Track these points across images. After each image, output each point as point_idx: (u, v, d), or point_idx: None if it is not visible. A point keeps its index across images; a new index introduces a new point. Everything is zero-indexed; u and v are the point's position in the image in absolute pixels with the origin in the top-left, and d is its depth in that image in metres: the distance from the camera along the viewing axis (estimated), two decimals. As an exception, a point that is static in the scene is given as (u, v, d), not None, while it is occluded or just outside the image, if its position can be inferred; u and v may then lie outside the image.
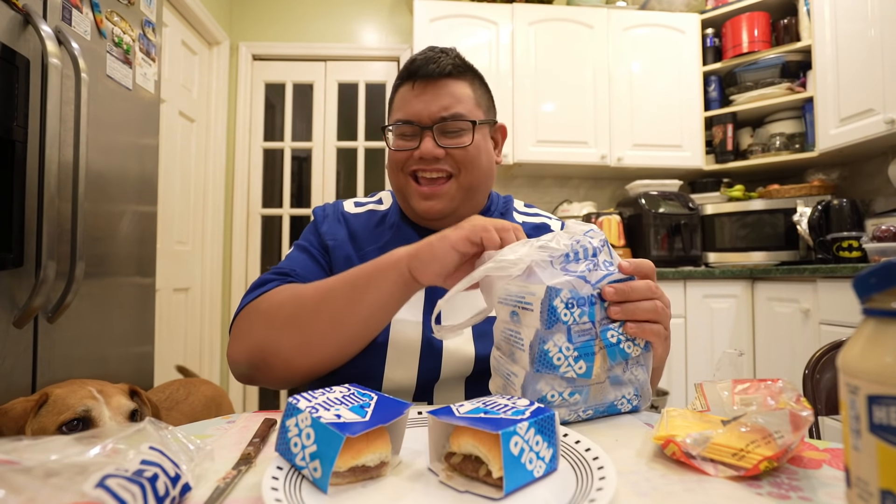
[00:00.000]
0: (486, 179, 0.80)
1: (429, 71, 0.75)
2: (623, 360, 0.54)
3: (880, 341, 0.26)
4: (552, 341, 0.51)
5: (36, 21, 1.05)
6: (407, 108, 0.76)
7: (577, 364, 0.52)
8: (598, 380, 0.53)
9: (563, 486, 0.38)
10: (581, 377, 0.52)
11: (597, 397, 0.54)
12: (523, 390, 0.53)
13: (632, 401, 0.56)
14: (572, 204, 2.77)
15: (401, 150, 0.77)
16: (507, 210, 0.87)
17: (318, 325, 0.62)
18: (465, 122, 0.75)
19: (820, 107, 2.30)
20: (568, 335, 0.52)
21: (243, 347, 0.65)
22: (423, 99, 0.75)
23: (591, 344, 0.52)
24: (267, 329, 0.64)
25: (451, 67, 0.76)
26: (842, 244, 2.00)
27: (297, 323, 0.63)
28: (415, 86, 0.76)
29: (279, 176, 3.00)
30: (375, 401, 0.44)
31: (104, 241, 1.32)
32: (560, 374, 0.52)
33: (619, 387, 0.55)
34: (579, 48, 2.65)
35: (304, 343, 0.62)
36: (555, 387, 0.52)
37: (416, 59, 0.77)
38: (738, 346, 2.25)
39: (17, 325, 1.04)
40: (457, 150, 0.75)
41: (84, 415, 0.78)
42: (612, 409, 0.56)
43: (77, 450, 0.32)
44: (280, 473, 0.38)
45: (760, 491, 0.37)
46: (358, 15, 3.02)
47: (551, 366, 0.51)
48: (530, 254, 0.53)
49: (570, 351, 0.52)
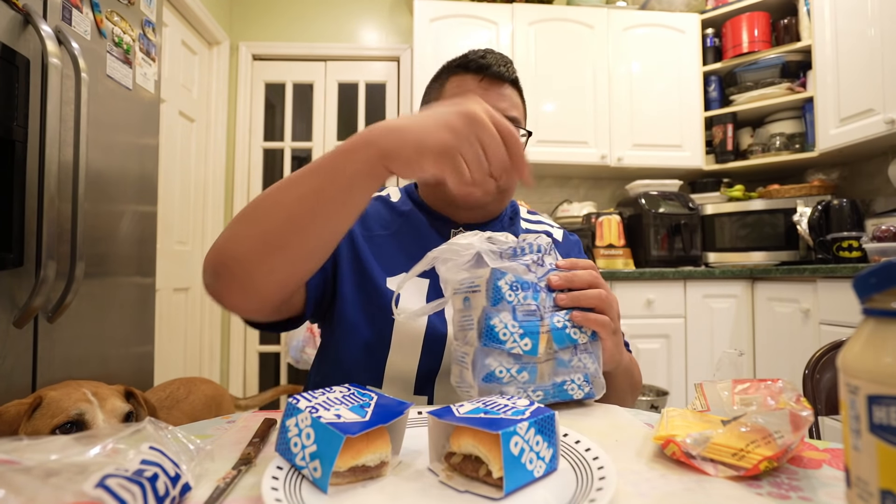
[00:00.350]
0: (515, 186, 0.83)
1: (500, 72, 0.77)
2: (571, 345, 0.57)
3: (880, 341, 0.26)
4: (498, 318, 0.55)
5: (36, 21, 1.05)
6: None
7: (523, 341, 0.55)
8: (544, 358, 0.56)
9: (563, 486, 0.38)
10: (527, 354, 0.55)
11: (544, 378, 0.56)
12: (473, 366, 0.55)
13: (582, 387, 0.58)
14: (572, 204, 2.77)
15: None
16: (514, 215, 0.89)
17: (276, 218, 0.55)
18: (522, 129, 0.78)
19: (820, 107, 2.30)
20: (513, 314, 0.55)
21: (210, 252, 0.59)
22: (489, 95, 0.76)
23: (536, 324, 0.55)
24: (233, 226, 0.58)
25: (516, 76, 0.80)
26: (842, 244, 2.00)
27: (256, 217, 0.57)
28: (482, 80, 0.76)
29: (279, 176, 3.00)
30: (375, 401, 0.44)
31: (104, 241, 1.32)
32: (507, 350, 0.54)
33: (568, 371, 0.57)
34: (579, 48, 2.65)
35: (261, 239, 0.56)
36: (503, 363, 0.55)
37: (485, 55, 0.77)
38: (738, 346, 2.25)
39: (17, 325, 1.04)
40: None
41: (77, 418, 0.77)
42: (564, 395, 0.58)
43: (77, 450, 0.32)
44: (280, 473, 0.38)
45: (760, 491, 0.37)
46: (358, 15, 3.02)
47: (497, 340, 0.54)
48: (480, 244, 0.56)
49: (516, 328, 0.55)
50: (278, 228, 0.55)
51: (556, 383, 0.57)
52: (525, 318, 0.55)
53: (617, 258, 2.44)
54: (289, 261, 0.57)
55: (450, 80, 0.79)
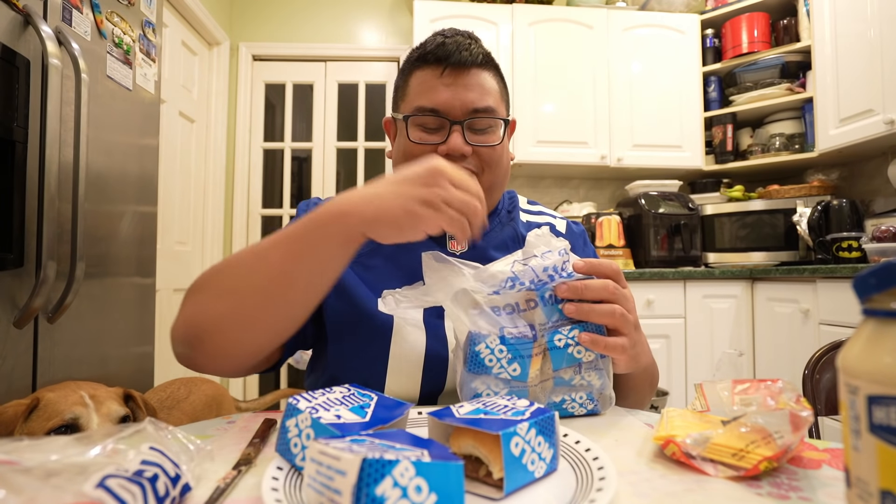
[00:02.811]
0: (504, 178, 0.75)
1: (462, 59, 0.68)
2: (574, 364, 0.52)
3: (880, 341, 0.26)
4: (484, 343, 0.51)
5: (36, 21, 1.05)
6: (434, 97, 0.68)
7: (511, 366, 0.51)
8: (536, 381, 0.52)
9: (563, 486, 0.38)
10: (516, 379, 0.51)
11: (539, 399, 0.53)
12: (459, 388, 0.53)
13: (585, 405, 0.54)
14: (572, 204, 2.77)
15: (423, 144, 0.69)
16: (512, 207, 0.83)
17: (253, 288, 0.54)
18: (496, 119, 0.70)
19: (819, 107, 2.30)
20: (502, 339, 0.51)
21: (178, 322, 0.57)
22: (453, 88, 0.68)
23: (528, 346, 0.51)
24: (201, 298, 0.56)
25: (482, 57, 0.70)
26: (841, 244, 2.00)
27: (231, 288, 0.55)
28: (444, 73, 0.68)
29: (279, 176, 3.00)
30: (375, 401, 0.44)
31: (104, 242, 1.32)
32: (494, 375, 0.51)
33: (569, 389, 0.53)
34: (579, 49, 2.65)
35: (232, 314, 0.54)
36: (490, 386, 0.51)
37: (444, 42, 0.69)
38: (738, 347, 2.25)
39: (17, 325, 1.04)
40: (484, 149, 0.69)
41: (71, 422, 0.77)
42: (563, 413, 0.54)
43: (77, 450, 0.32)
44: (280, 474, 0.38)
45: (760, 491, 0.37)
46: (358, 15, 3.02)
47: (483, 366, 0.51)
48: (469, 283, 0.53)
49: (504, 353, 0.50)
50: (250, 304, 0.54)
51: (553, 403, 0.53)
52: (516, 340, 0.51)
53: (617, 258, 2.44)
54: (263, 333, 0.56)
55: (413, 75, 0.72)
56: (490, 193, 0.73)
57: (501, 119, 0.71)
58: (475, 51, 0.70)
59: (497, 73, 0.74)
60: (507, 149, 0.76)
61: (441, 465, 0.30)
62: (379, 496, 0.27)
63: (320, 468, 0.30)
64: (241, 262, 0.56)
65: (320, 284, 0.55)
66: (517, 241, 0.76)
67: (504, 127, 0.72)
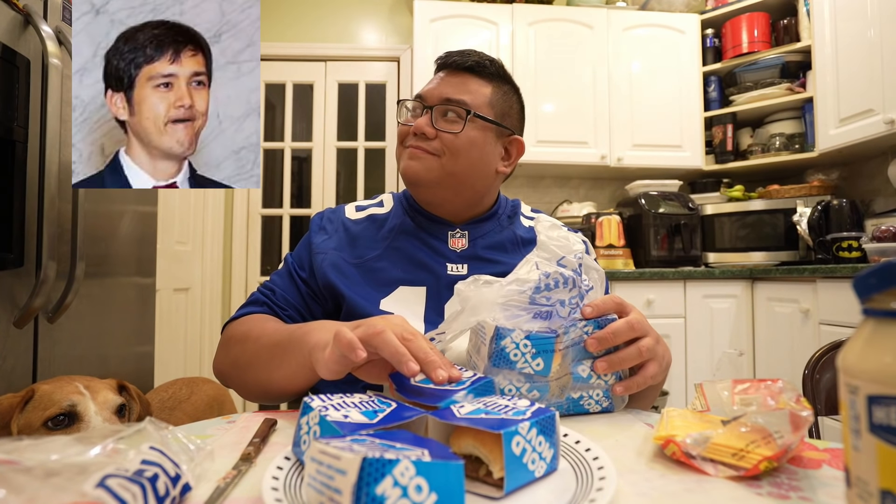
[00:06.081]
0: (477, 178, 0.80)
1: (453, 62, 0.80)
2: (590, 358, 0.55)
3: (880, 341, 0.26)
4: (510, 337, 0.52)
5: (36, 21, 1.05)
6: (424, 88, 0.82)
7: (535, 361, 0.52)
8: (557, 376, 0.53)
9: (563, 486, 0.38)
10: (538, 374, 0.52)
11: (558, 395, 0.54)
12: None
13: (601, 402, 0.56)
14: (572, 204, 2.77)
15: (404, 125, 0.82)
16: (514, 213, 0.88)
17: (252, 373, 0.68)
18: (460, 109, 0.77)
19: (820, 107, 2.30)
20: (527, 334, 0.53)
21: (215, 366, 0.76)
22: (438, 82, 0.80)
23: (550, 341, 0.53)
24: (224, 361, 0.74)
25: (473, 63, 0.80)
26: (841, 244, 2.00)
27: (240, 365, 0.70)
28: (441, 73, 0.82)
29: (279, 176, 3.00)
30: (392, 409, 0.43)
31: (104, 241, 1.32)
32: (518, 370, 0.52)
33: (587, 386, 0.55)
34: (579, 48, 2.65)
35: (247, 382, 0.70)
36: (512, 381, 0.53)
37: (454, 54, 0.82)
38: (738, 347, 2.25)
39: (17, 325, 1.04)
40: (446, 135, 0.77)
41: (69, 409, 0.77)
42: (579, 409, 0.56)
43: (77, 450, 0.32)
44: (280, 473, 0.38)
45: (760, 491, 0.37)
46: (358, 15, 3.02)
47: (508, 361, 0.52)
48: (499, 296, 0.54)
49: (528, 347, 0.52)
50: (265, 382, 0.66)
51: (571, 398, 0.55)
52: (539, 335, 0.53)
53: (617, 258, 2.43)
54: (282, 393, 0.67)
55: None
56: (457, 183, 0.79)
57: (464, 110, 0.77)
58: (470, 57, 0.80)
59: (497, 85, 0.81)
60: (484, 150, 0.79)
61: (441, 464, 0.30)
62: (379, 495, 0.28)
63: (320, 467, 0.30)
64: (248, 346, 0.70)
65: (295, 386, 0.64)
66: (516, 244, 0.83)
67: (466, 118, 0.77)
